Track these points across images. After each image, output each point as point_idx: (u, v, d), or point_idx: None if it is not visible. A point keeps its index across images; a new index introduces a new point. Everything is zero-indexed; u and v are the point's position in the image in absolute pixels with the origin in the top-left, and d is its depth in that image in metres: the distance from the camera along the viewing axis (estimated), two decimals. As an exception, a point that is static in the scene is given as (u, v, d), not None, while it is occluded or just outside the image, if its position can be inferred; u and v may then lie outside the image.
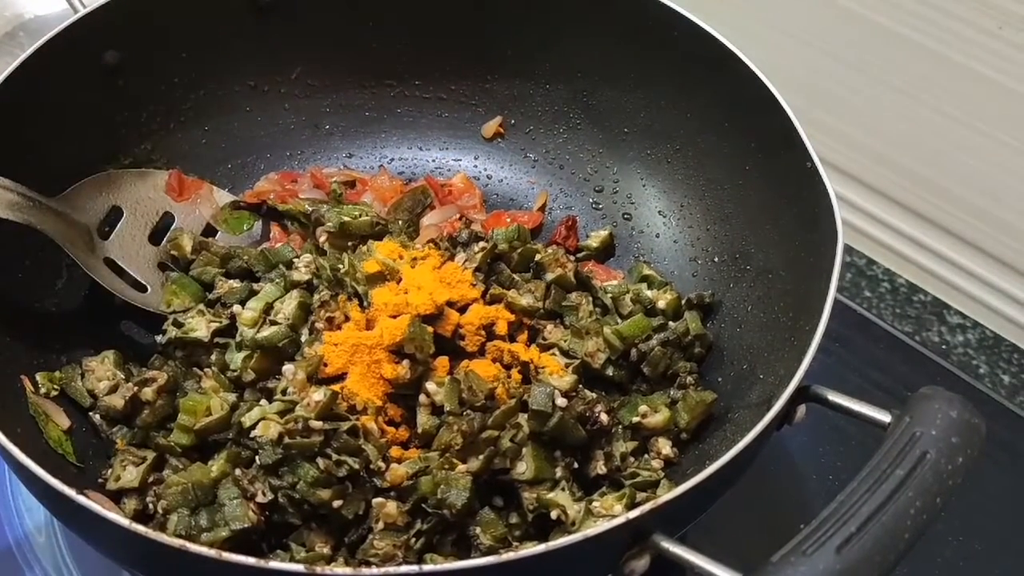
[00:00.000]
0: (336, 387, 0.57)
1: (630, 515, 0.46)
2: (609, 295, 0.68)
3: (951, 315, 0.88)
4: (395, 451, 0.58)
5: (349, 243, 0.69)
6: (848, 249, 0.57)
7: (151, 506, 0.58)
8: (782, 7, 0.88)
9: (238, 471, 0.56)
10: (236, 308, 0.63)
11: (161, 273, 0.69)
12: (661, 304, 0.67)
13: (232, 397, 0.60)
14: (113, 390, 0.61)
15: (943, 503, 0.45)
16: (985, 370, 0.85)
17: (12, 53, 0.89)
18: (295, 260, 0.66)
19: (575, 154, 0.79)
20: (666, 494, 0.47)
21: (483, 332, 0.62)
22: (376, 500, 0.55)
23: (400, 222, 0.73)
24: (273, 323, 0.62)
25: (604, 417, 0.59)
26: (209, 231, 0.73)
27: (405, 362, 0.59)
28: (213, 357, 0.63)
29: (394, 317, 0.60)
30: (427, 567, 0.44)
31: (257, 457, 0.56)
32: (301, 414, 0.55)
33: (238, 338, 0.62)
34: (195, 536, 0.54)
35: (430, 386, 0.59)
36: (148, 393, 0.61)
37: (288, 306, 0.62)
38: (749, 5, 0.89)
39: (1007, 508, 0.73)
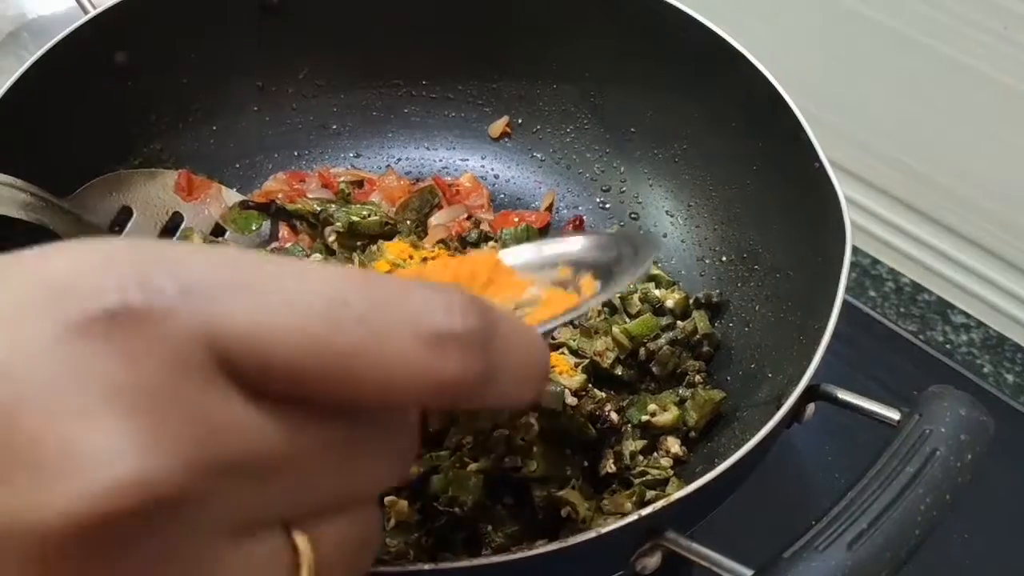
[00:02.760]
0: (348, 386, 0.58)
1: (643, 512, 0.46)
2: (617, 294, 0.68)
3: (955, 315, 0.89)
4: (406, 449, 0.58)
5: (358, 243, 0.70)
6: (853, 248, 0.57)
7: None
8: (789, 8, 0.88)
9: (251, 469, 0.56)
10: (247, 307, 0.64)
11: (171, 273, 0.69)
12: (669, 303, 0.68)
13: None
14: (125, 389, 0.61)
15: (952, 500, 0.45)
16: (989, 369, 0.85)
17: (16, 54, 0.89)
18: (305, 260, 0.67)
19: (582, 154, 0.79)
20: (679, 491, 0.47)
21: (493, 331, 0.62)
22: (387, 498, 0.56)
23: (408, 222, 0.73)
24: (284, 322, 0.62)
25: (614, 416, 0.60)
26: (218, 231, 0.74)
27: (416, 361, 0.59)
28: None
29: (405, 316, 0.60)
30: (443, 564, 0.44)
31: (269, 455, 0.56)
32: (313, 413, 0.56)
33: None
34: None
35: (441, 385, 0.59)
36: (160, 392, 0.61)
37: (299, 305, 0.62)
38: (757, 6, 0.89)
39: (1012, 506, 0.73)
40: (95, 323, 0.23)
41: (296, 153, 0.80)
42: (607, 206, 0.78)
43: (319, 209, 0.73)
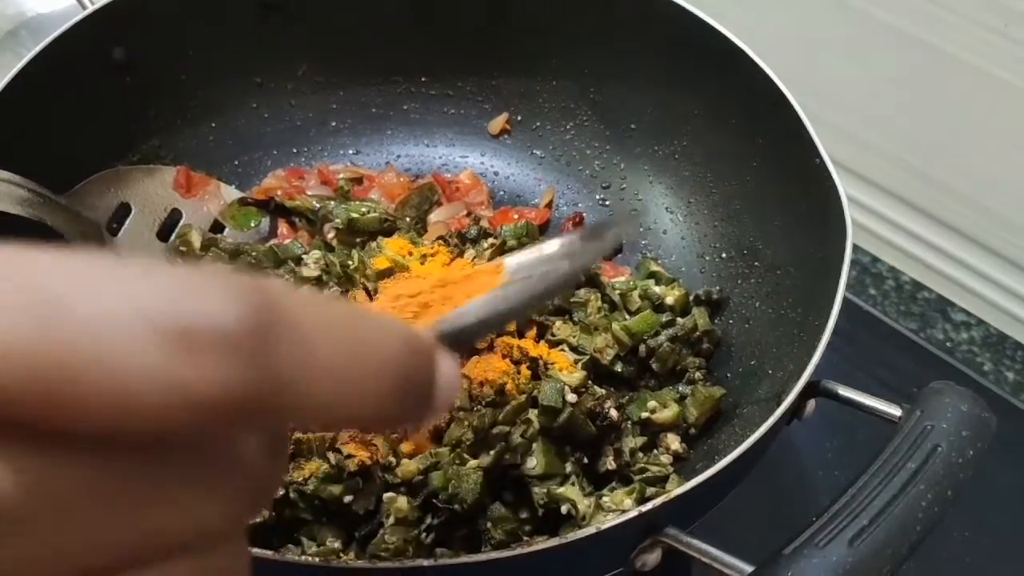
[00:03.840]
0: (347, 382, 0.57)
1: (643, 508, 0.46)
2: (617, 291, 0.68)
3: (955, 312, 0.89)
4: (406, 446, 0.58)
5: (357, 239, 0.70)
6: (853, 246, 0.57)
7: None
8: (791, 5, 0.88)
9: (249, 466, 0.56)
10: (246, 304, 0.63)
11: (170, 269, 0.69)
12: (669, 300, 0.68)
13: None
14: (123, 386, 0.61)
15: (954, 496, 0.45)
16: (990, 367, 0.85)
17: (15, 51, 0.89)
18: (304, 256, 0.66)
19: (582, 151, 0.79)
20: (678, 488, 0.47)
21: (492, 328, 0.62)
22: (387, 495, 0.56)
23: (408, 219, 0.73)
24: (283, 319, 0.62)
25: (613, 413, 0.60)
26: (217, 227, 0.73)
27: (416, 358, 0.59)
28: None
29: (404, 313, 0.60)
30: (442, 560, 0.44)
31: (268, 452, 0.56)
32: (312, 409, 0.56)
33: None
34: (207, 531, 0.54)
35: (440, 381, 0.59)
36: (158, 389, 0.61)
37: (298, 302, 0.62)
38: (758, 2, 0.89)
39: (1013, 503, 0.73)
40: None
41: (295, 150, 0.80)
42: (607, 203, 0.78)
43: (318, 206, 0.73)
